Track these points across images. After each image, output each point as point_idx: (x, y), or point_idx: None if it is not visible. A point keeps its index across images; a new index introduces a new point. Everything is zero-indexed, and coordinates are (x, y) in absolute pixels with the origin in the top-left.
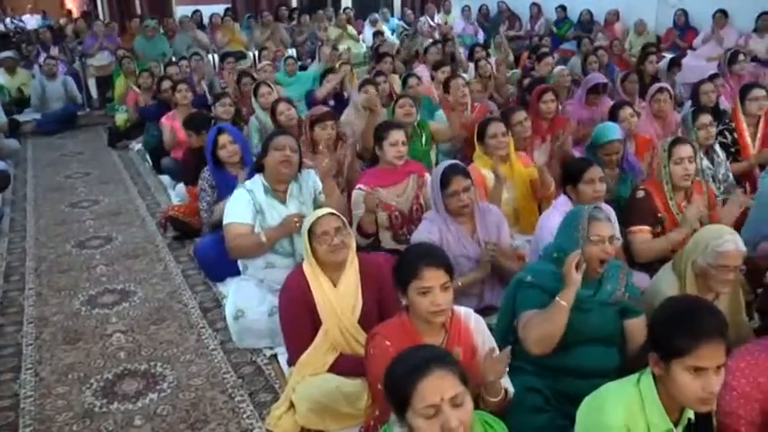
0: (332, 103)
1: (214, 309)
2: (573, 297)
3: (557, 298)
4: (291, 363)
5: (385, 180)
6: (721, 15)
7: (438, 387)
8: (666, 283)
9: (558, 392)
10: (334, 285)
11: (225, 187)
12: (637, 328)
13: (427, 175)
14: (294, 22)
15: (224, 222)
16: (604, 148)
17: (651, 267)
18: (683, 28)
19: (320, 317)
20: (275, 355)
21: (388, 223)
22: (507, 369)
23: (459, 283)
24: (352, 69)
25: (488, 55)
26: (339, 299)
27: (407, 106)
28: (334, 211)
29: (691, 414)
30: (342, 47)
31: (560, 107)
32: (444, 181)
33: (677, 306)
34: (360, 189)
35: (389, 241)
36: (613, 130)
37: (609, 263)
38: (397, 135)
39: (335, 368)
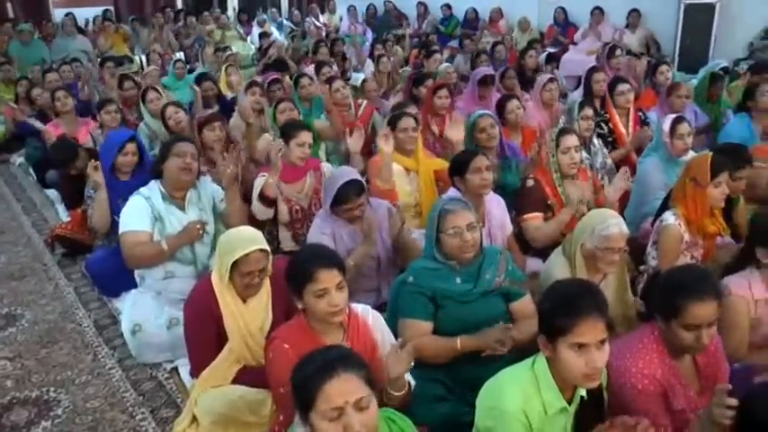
0: (216, 107)
1: (110, 325)
2: (471, 348)
3: (457, 340)
4: (194, 375)
5: (286, 176)
6: (598, 12)
7: (342, 390)
8: (558, 267)
9: (459, 381)
10: (244, 302)
11: (114, 194)
12: (522, 308)
13: (323, 167)
14: (181, 24)
15: (120, 231)
16: (477, 125)
17: (544, 253)
18: (564, 24)
19: (226, 333)
20: (176, 369)
21: (288, 217)
22: (412, 364)
23: (351, 262)
24: (227, 69)
25: (388, 53)
26: (248, 317)
27: (288, 111)
28: (265, 247)
29: (583, 392)
30: (234, 48)
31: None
32: (340, 198)
33: (558, 289)
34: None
35: (289, 242)
36: (481, 111)
37: (485, 250)
38: (306, 137)
39: (239, 380)
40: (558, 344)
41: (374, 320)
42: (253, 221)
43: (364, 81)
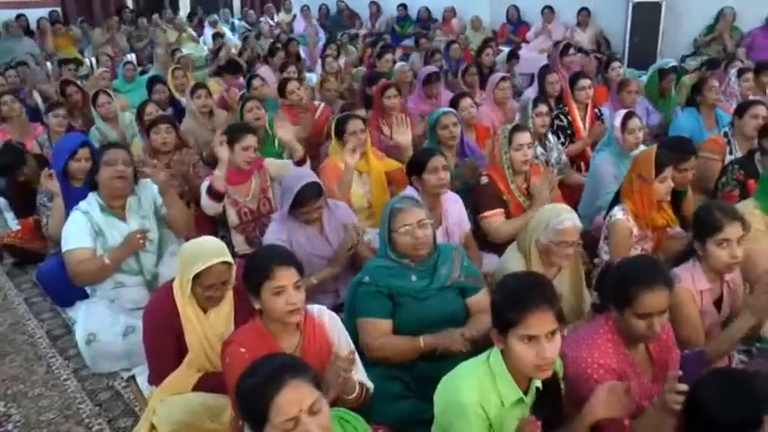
0: (170, 110)
1: (64, 336)
2: (432, 347)
3: (420, 339)
4: (153, 382)
5: (231, 179)
6: (549, 11)
7: (295, 399)
8: (513, 262)
9: (417, 378)
10: (205, 312)
11: (68, 200)
12: (479, 303)
13: (266, 164)
14: (132, 26)
15: (63, 250)
16: (440, 122)
17: (501, 249)
18: (516, 23)
19: (186, 344)
20: (133, 377)
21: (237, 220)
22: (353, 368)
23: (315, 281)
24: (187, 73)
25: (339, 54)
26: (209, 328)
27: (255, 109)
28: (228, 259)
29: (538, 383)
30: (187, 50)
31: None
32: (299, 201)
33: (508, 283)
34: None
35: (242, 245)
36: (444, 109)
37: (440, 247)
38: (251, 140)
39: (200, 387)
40: (509, 336)
41: (330, 321)
42: (201, 224)
43: (323, 81)
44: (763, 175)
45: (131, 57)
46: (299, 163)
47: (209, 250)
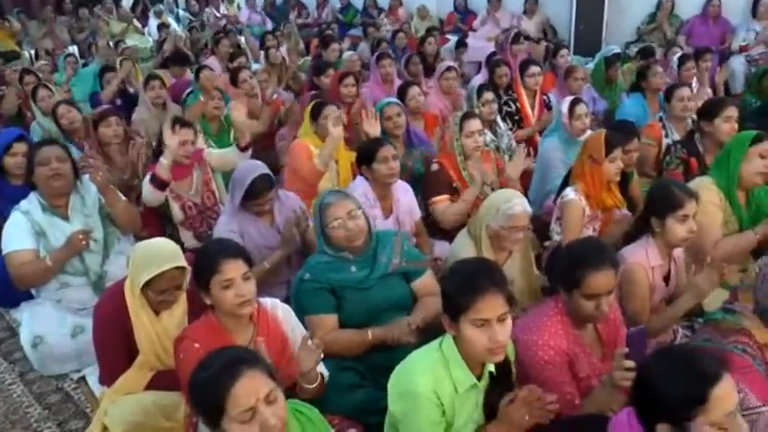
0: (119, 102)
1: (9, 339)
2: (381, 339)
3: (369, 331)
4: (104, 383)
5: (172, 174)
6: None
7: (251, 389)
8: (464, 248)
9: (371, 367)
10: (157, 314)
11: (7, 200)
12: (424, 286)
13: (205, 155)
14: (72, 17)
15: (3, 252)
16: (384, 114)
17: (451, 236)
18: (463, 11)
19: (137, 346)
20: (84, 378)
21: (182, 215)
22: (322, 357)
23: (267, 265)
24: (135, 64)
25: (279, 44)
26: (161, 330)
27: (217, 99)
28: (181, 264)
29: (492, 368)
30: (132, 41)
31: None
32: (252, 193)
33: (458, 268)
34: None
35: (191, 240)
36: (387, 99)
37: (378, 235)
38: (186, 134)
39: (153, 386)
40: (460, 322)
41: (284, 314)
42: (148, 221)
43: (258, 72)
44: (718, 155)
45: (73, 49)
46: (244, 149)
47: (163, 255)
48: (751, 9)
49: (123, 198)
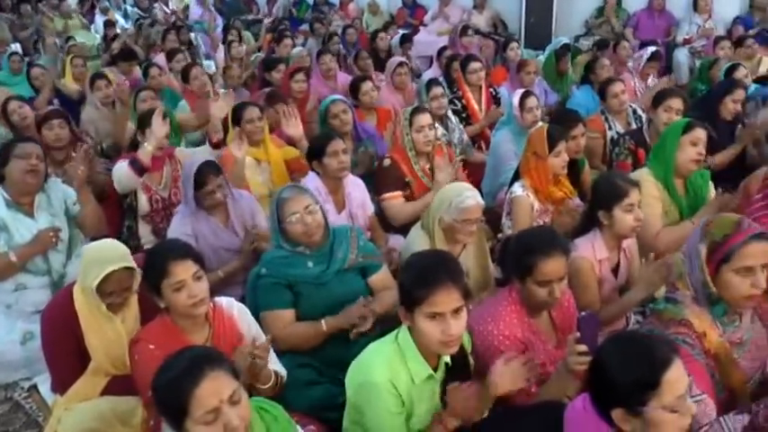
0: (56, 102)
1: None
2: (336, 329)
3: (322, 322)
4: (57, 390)
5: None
6: None
7: (214, 390)
8: (418, 242)
9: (328, 363)
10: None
11: None
12: (380, 281)
13: (177, 151)
14: (13, 14)
15: None
16: (329, 112)
17: (406, 230)
18: (413, 6)
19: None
20: (35, 386)
21: (148, 207)
22: (268, 358)
23: (221, 274)
24: (85, 63)
25: (241, 39)
26: (113, 334)
27: (150, 99)
28: (129, 264)
29: (447, 359)
30: (78, 38)
31: None
32: (199, 180)
33: (414, 262)
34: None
35: (149, 236)
36: (333, 97)
37: (334, 230)
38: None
39: (108, 392)
40: (415, 314)
41: (240, 313)
42: (113, 220)
43: (226, 68)
44: (654, 145)
45: (16, 47)
46: (216, 146)
47: (109, 256)
48: (693, 3)
49: (94, 200)
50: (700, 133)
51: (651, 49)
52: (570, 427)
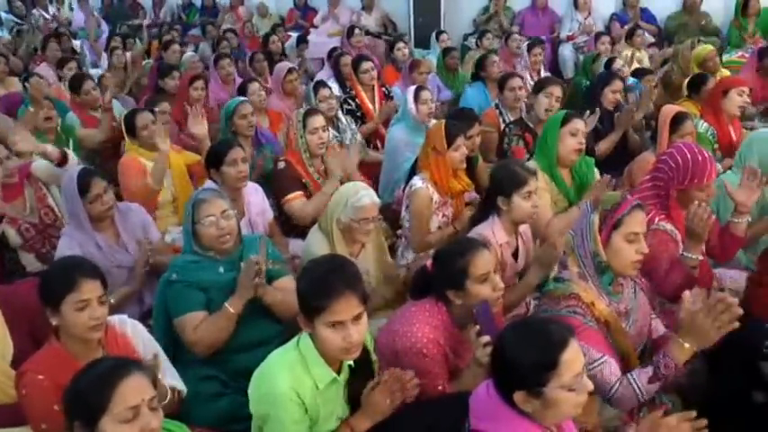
0: None
1: None
2: (242, 305)
3: (225, 305)
4: None
5: (2, 197)
6: None
7: (138, 388)
8: (316, 244)
9: (232, 373)
10: None
11: None
12: (284, 287)
13: (33, 168)
14: None
15: None
16: (237, 111)
17: (305, 232)
18: (303, 8)
19: None
20: None
21: (21, 240)
22: (162, 371)
23: (113, 301)
24: None
25: (126, 46)
26: None
27: (46, 109)
28: None
29: (350, 361)
30: None
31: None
32: (83, 187)
33: (311, 269)
34: None
35: (34, 263)
36: (241, 98)
37: (245, 239)
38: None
39: None
40: (315, 323)
41: (134, 330)
42: None
43: (101, 77)
44: (539, 138)
45: None
46: (60, 164)
47: None
48: (573, 1)
49: None
50: (578, 124)
51: (526, 42)
52: (475, 413)
